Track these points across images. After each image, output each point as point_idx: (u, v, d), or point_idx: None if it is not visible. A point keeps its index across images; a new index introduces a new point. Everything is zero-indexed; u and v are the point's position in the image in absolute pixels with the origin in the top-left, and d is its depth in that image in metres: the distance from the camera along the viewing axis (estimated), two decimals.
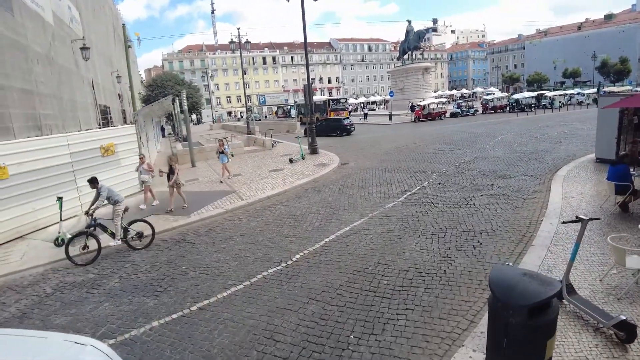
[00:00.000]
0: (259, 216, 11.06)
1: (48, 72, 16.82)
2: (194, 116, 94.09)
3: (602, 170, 12.12)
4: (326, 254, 7.85)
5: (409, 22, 52.53)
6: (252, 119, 48.14)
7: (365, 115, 51.72)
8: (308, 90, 22.30)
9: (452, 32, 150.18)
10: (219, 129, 57.29)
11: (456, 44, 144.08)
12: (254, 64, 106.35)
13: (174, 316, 5.96)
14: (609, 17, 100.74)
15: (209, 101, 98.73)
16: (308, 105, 22.65)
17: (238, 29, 38.97)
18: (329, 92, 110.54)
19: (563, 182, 11.55)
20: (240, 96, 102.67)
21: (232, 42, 38.84)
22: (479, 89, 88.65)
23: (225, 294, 6.52)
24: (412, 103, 42.93)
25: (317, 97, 55.47)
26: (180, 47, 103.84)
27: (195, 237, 9.70)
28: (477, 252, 7.35)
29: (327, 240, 8.65)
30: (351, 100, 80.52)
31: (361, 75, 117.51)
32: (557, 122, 29.07)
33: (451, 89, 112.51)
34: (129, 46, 64.60)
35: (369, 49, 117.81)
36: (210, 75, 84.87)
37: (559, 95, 48.01)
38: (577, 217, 4.80)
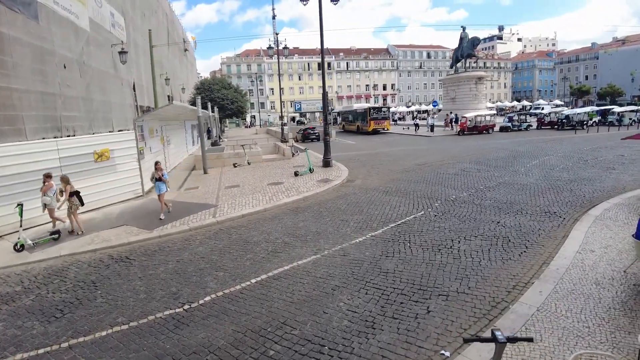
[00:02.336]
0: (214, 239, 9.93)
1: (76, 75, 17.72)
2: (248, 118, 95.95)
3: None
4: (238, 301, 6.52)
5: (463, 28, 49.31)
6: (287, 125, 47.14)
7: (417, 126, 46.67)
8: (324, 98, 20.71)
9: (519, 40, 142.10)
10: (263, 133, 57.42)
11: (522, 52, 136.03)
12: (309, 69, 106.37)
13: (41, 351, 5.43)
14: None
15: (263, 105, 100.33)
16: (326, 114, 20.98)
17: (276, 34, 38.28)
18: (384, 99, 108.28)
19: (591, 226, 9.13)
20: (294, 101, 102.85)
21: (270, 47, 38.07)
22: (541, 101, 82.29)
23: (103, 333, 5.80)
24: (452, 115, 39.95)
25: (359, 105, 53.67)
26: (245, 50, 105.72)
27: (139, 257, 9.05)
28: (415, 325, 5.50)
29: (254, 280, 7.27)
30: (401, 109, 77.83)
31: (418, 83, 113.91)
32: (618, 143, 25.29)
33: (515, 99, 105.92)
34: (186, 49, 66.86)
35: (428, 55, 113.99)
36: (259, 78, 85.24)
37: (630, 111, 41.99)
38: (492, 332, 2.80)
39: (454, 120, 40.52)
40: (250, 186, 16.00)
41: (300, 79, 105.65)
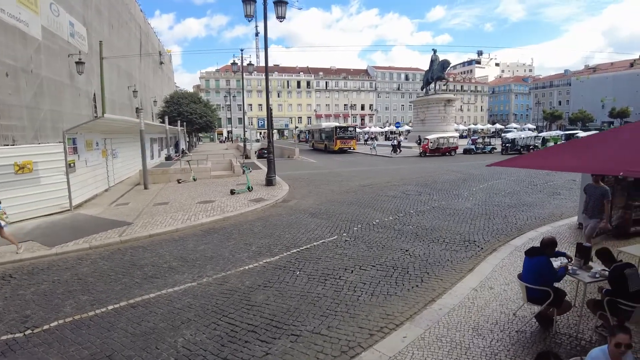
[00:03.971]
0: (106, 260, 9.14)
1: (22, 83, 16.83)
2: (225, 132, 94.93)
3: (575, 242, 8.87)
4: (81, 329, 5.92)
5: (434, 51, 49.54)
6: (250, 141, 46.41)
7: (394, 147, 40.74)
8: (268, 115, 19.95)
9: (497, 64, 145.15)
10: (234, 148, 56.72)
11: (500, 77, 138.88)
12: (288, 87, 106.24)
13: None
14: None
15: (241, 121, 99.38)
16: (270, 131, 20.15)
17: (241, 50, 37.60)
18: (362, 119, 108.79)
19: (506, 258, 8.45)
20: (276, 117, 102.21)
21: (234, 63, 37.51)
22: (514, 125, 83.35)
23: None
24: (419, 136, 39.65)
25: (327, 124, 53.22)
26: (225, 65, 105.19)
27: (21, 275, 8.30)
28: None
29: (111, 307, 6.61)
30: (374, 129, 77.87)
31: (396, 104, 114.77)
32: None
33: (491, 122, 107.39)
34: (162, 62, 65.87)
35: (406, 77, 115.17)
36: (232, 95, 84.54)
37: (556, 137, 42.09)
38: None
39: (418, 141, 40.03)
40: (179, 204, 15.03)
41: (279, 96, 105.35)
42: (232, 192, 16.82)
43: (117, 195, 17.66)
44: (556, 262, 5.78)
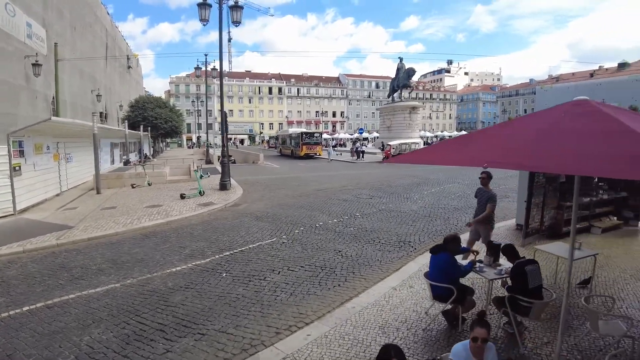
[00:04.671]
0: (37, 262, 8.90)
1: None
2: (194, 138, 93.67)
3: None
4: None
5: (400, 59, 50.30)
6: (216, 147, 45.99)
7: (360, 153, 41.85)
8: (223, 120, 19.76)
9: (466, 73, 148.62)
10: (200, 153, 55.93)
11: (469, 85, 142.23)
12: (259, 93, 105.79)
13: None
14: (622, 66, 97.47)
15: (211, 126, 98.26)
16: (224, 136, 19.94)
17: (205, 55, 37.21)
18: (333, 126, 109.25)
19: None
20: (246, 123, 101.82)
21: (197, 68, 37.10)
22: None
23: None
24: (382, 143, 40.11)
25: (293, 130, 53.21)
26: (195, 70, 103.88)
27: None
28: None
29: (26, 308, 6.44)
30: (343, 135, 78.36)
31: (367, 111, 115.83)
32: None
33: (459, 130, 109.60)
34: (129, 66, 64.60)
35: (377, 86, 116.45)
36: (201, 100, 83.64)
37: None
38: None
39: (381, 147, 40.44)
40: (126, 208, 14.70)
41: (250, 102, 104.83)
42: (183, 197, 16.52)
43: (67, 200, 17.11)
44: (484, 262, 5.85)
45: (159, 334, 5.50)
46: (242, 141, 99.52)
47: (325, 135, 78.26)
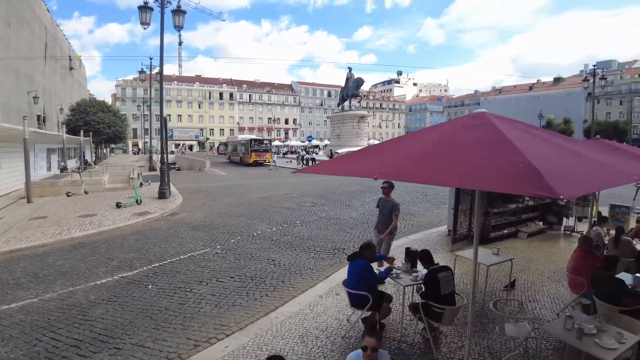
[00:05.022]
0: None
1: None
2: (140, 144, 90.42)
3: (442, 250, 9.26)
4: None
5: (350, 69, 51.23)
6: (156, 153, 44.64)
7: (310, 160, 42.51)
8: (162, 126, 19.22)
9: (415, 84, 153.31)
10: (145, 160, 54.12)
11: (417, 96, 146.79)
12: (210, 98, 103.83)
13: None
14: (557, 80, 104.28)
15: (159, 131, 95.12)
16: (164, 143, 19.37)
17: (150, 58, 36.09)
18: (286, 133, 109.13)
19: None
20: (194, 128, 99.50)
21: (142, 71, 35.93)
22: None
23: None
24: (331, 150, 40.58)
25: (243, 136, 52.71)
26: (145, 73, 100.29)
27: None
28: None
29: None
30: (294, 143, 78.47)
31: (319, 119, 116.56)
32: None
33: None
34: (72, 68, 61.48)
35: (329, 94, 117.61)
36: (147, 104, 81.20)
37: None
38: None
39: (330, 155, 40.87)
40: (57, 218, 13.90)
41: (200, 107, 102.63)
42: (119, 206, 15.83)
43: None
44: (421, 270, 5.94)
45: (72, 350, 5.24)
46: (191, 147, 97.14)
47: (277, 142, 78.12)
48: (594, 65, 37.96)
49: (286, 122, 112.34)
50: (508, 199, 11.94)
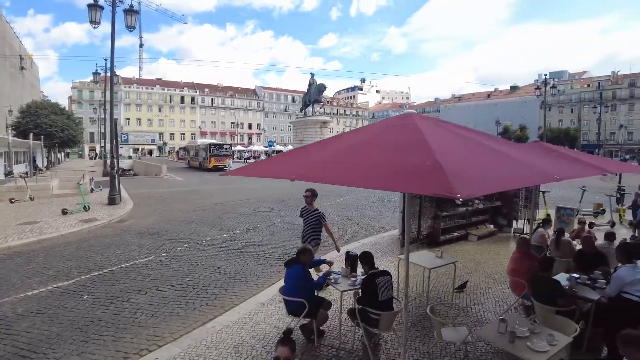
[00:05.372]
0: None
1: None
2: (98, 148, 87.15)
3: (392, 254, 9.27)
4: None
5: (312, 75, 51.17)
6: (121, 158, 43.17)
7: None
8: (113, 129, 18.51)
9: (378, 92, 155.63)
10: (100, 165, 52.14)
11: (380, 103, 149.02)
12: (170, 101, 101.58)
13: None
14: (514, 89, 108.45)
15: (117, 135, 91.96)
16: (114, 147, 18.64)
17: (105, 60, 34.72)
18: (249, 138, 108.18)
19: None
20: (154, 132, 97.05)
21: (96, 73, 34.60)
22: None
23: None
24: None
25: (202, 141, 51.83)
26: (102, 75, 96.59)
27: None
28: None
29: None
30: (257, 148, 77.82)
31: (283, 125, 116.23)
32: None
33: None
34: (23, 67, 58.65)
35: (293, 99, 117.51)
36: (103, 108, 78.69)
37: None
38: None
39: None
40: None
41: (160, 111, 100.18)
42: (65, 212, 15.05)
43: None
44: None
45: None
46: (150, 152, 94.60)
47: (239, 147, 77.14)
48: (545, 75, 39.56)
49: (250, 127, 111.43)
50: (459, 202, 12.15)
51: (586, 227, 9.79)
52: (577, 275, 6.02)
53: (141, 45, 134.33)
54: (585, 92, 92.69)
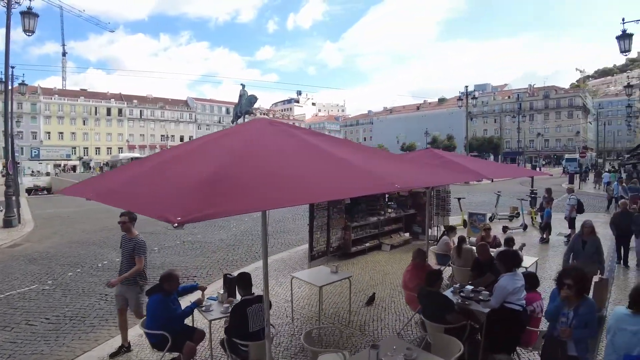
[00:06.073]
0: None
1: None
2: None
3: (301, 269, 8.91)
4: None
5: (243, 86, 50.49)
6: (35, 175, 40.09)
7: None
8: (9, 144, 16.95)
9: (314, 104, 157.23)
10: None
11: (316, 115, 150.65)
12: (96, 114, 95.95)
13: None
14: (442, 101, 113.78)
15: (34, 151, 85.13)
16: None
17: (12, 68, 31.90)
18: None
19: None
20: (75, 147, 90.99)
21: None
22: None
23: None
24: None
25: (124, 155, 49.56)
26: (16, 86, 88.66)
27: None
28: None
29: None
30: None
31: None
32: None
33: None
34: None
35: (227, 111, 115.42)
36: (17, 120, 72.94)
37: None
38: None
39: None
40: None
41: (85, 124, 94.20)
42: None
43: None
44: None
45: None
46: (74, 168, 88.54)
47: None
48: (467, 87, 41.92)
49: (181, 139, 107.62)
50: (371, 212, 12.12)
51: (491, 232, 9.77)
52: (458, 287, 5.92)
53: (64, 54, 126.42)
54: (507, 103, 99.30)
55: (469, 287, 5.81)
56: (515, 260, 5.29)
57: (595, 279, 6.43)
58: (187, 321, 5.20)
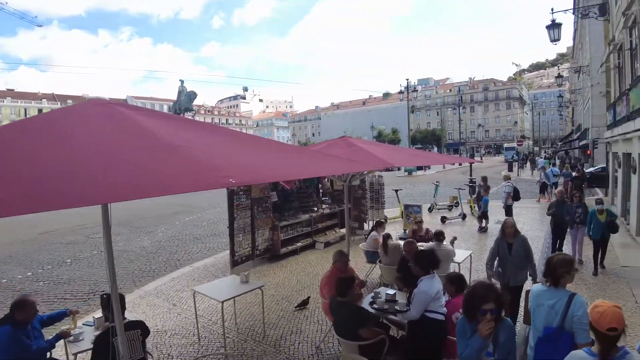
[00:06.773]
0: None
1: None
2: None
3: (223, 276, 8.20)
4: None
5: (182, 82, 48.78)
6: None
7: None
8: None
9: (261, 100, 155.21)
10: None
11: (263, 112, 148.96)
12: (26, 116, 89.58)
13: None
14: (386, 96, 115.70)
15: None
16: None
17: None
18: None
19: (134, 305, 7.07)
20: None
21: None
22: None
23: None
24: None
25: None
26: None
27: None
28: None
29: None
30: None
31: None
32: None
33: None
34: None
35: (169, 109, 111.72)
36: None
37: None
38: None
39: None
40: None
41: None
42: None
43: None
44: None
45: None
46: None
47: None
48: (407, 79, 42.48)
49: None
50: (303, 209, 11.62)
51: (423, 225, 9.38)
52: (373, 296, 5.30)
53: None
54: (448, 96, 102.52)
55: (390, 293, 5.18)
56: (433, 261, 4.66)
57: (527, 286, 5.08)
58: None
